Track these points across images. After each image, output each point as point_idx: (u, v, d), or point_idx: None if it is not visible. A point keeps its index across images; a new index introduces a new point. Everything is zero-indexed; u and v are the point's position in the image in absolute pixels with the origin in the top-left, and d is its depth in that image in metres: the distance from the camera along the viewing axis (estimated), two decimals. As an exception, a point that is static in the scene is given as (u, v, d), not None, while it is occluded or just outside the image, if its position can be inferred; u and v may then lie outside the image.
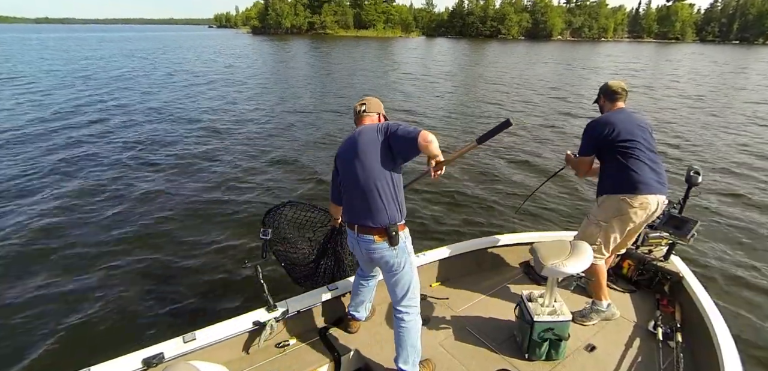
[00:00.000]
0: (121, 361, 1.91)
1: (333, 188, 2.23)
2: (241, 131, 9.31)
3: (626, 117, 2.43)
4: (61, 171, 6.42)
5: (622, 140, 2.37)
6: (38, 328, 3.16)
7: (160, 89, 14.90)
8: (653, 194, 2.36)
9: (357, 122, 2.14)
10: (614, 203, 2.42)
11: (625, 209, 2.39)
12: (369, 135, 1.97)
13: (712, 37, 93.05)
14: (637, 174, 2.35)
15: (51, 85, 14.74)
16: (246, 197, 5.69)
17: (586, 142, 2.51)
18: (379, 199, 1.94)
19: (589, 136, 2.48)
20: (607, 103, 2.55)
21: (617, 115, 2.44)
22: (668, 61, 34.48)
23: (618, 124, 2.39)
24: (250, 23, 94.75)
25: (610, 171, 2.46)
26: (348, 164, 2.00)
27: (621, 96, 2.50)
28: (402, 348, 2.07)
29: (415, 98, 14.44)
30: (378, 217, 1.94)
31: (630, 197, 2.36)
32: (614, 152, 2.40)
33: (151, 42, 47.69)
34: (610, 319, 2.60)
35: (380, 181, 1.94)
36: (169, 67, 22.17)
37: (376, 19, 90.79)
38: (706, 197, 6.03)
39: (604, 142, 2.42)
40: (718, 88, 18.43)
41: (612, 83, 2.53)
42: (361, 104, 2.14)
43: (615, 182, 2.42)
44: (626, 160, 2.37)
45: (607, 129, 2.40)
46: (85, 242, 4.39)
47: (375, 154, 1.93)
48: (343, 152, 2.06)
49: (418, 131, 1.84)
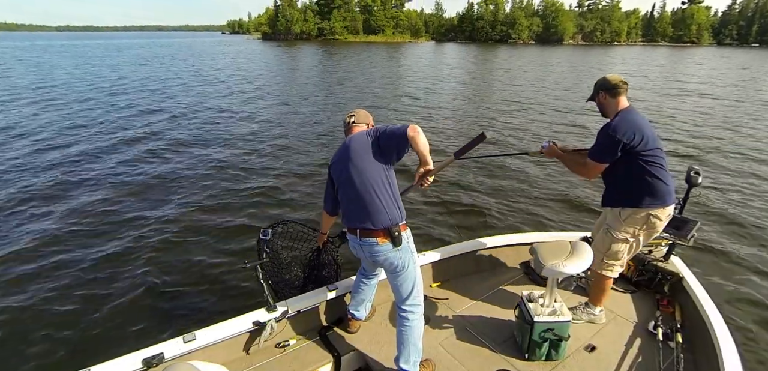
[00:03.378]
0: (121, 361, 1.93)
1: (326, 198, 2.26)
2: (240, 135, 9.34)
3: (645, 121, 2.24)
4: (62, 174, 6.52)
5: (651, 147, 2.17)
6: (38, 328, 3.20)
7: (158, 93, 15.11)
8: (674, 202, 2.33)
9: (347, 133, 2.19)
10: (643, 216, 2.28)
11: (653, 222, 2.28)
12: (360, 140, 2.03)
13: (730, 41, 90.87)
14: (665, 185, 2.23)
15: (55, 94, 15.12)
16: (246, 198, 5.75)
17: (607, 146, 2.21)
18: (378, 200, 1.97)
19: (613, 141, 2.17)
20: (609, 99, 2.29)
21: (638, 118, 2.21)
22: (683, 64, 33.88)
23: (645, 129, 2.17)
24: (260, 29, 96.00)
25: (635, 181, 2.25)
26: (343, 170, 2.04)
27: (623, 90, 2.27)
28: (404, 347, 2.08)
29: (425, 103, 14.45)
30: (378, 219, 1.97)
31: (660, 210, 2.25)
32: (639, 159, 2.19)
33: (162, 49, 48.58)
34: (594, 322, 2.58)
35: (376, 183, 1.98)
36: (166, 75, 22.40)
37: (385, 25, 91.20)
38: (706, 197, 5.95)
39: (630, 149, 2.17)
40: (727, 89, 18.06)
41: (611, 77, 2.30)
42: (350, 116, 2.21)
43: (644, 194, 2.24)
44: (653, 169, 2.20)
45: (636, 135, 2.15)
46: (84, 242, 4.46)
47: (368, 157, 1.98)
48: (337, 160, 2.10)
49: (406, 125, 1.91)
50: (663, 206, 2.26)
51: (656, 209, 2.25)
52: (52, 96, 14.10)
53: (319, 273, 2.72)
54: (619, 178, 2.31)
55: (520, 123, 11.17)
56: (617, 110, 2.28)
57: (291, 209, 5.47)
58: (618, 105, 2.28)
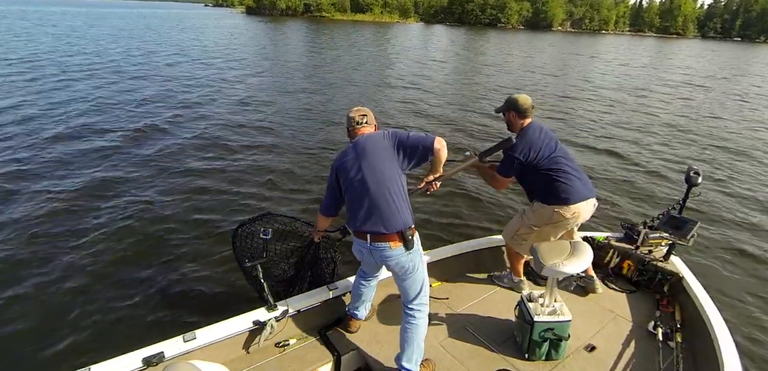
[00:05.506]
0: (121, 361, 1.91)
1: (328, 200, 2.18)
2: (235, 130, 8.78)
3: (544, 135, 2.54)
4: (57, 168, 6.19)
5: (545, 158, 2.49)
6: (38, 328, 3.13)
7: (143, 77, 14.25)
8: (584, 200, 2.52)
9: (354, 131, 2.11)
10: (548, 212, 2.56)
11: (558, 219, 2.54)
12: (377, 142, 1.97)
13: (714, 34, 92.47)
14: (567, 185, 2.49)
15: (37, 64, 14.38)
16: (246, 197, 5.60)
17: (508, 166, 2.58)
18: (393, 203, 1.94)
19: (512, 160, 2.53)
20: (517, 119, 2.56)
21: (534, 135, 2.51)
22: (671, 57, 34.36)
23: (540, 145, 2.49)
24: (245, 3, 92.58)
25: (539, 185, 2.57)
26: (356, 172, 1.97)
27: (530, 113, 2.55)
28: (408, 345, 2.07)
29: (416, 86, 14.30)
30: (392, 222, 1.93)
31: (563, 209, 2.50)
32: (539, 170, 2.51)
33: (141, 20, 46.54)
34: (514, 290, 2.90)
35: (393, 186, 1.94)
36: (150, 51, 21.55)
37: (373, 3, 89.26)
38: (706, 196, 6.02)
39: (528, 164, 2.51)
40: (721, 85, 18.44)
41: (521, 100, 2.53)
42: (362, 115, 2.13)
43: (547, 194, 2.54)
44: (553, 174, 2.49)
45: (531, 152, 2.48)
46: (84, 241, 4.31)
47: (386, 159, 1.94)
48: (348, 161, 2.02)
49: (432, 137, 1.91)
50: (566, 205, 2.49)
51: (561, 207, 2.51)
52: (27, 70, 13.39)
53: (316, 271, 2.69)
54: (529, 181, 2.65)
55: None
56: (522, 127, 2.55)
57: (291, 203, 5.37)
58: (524, 123, 2.56)
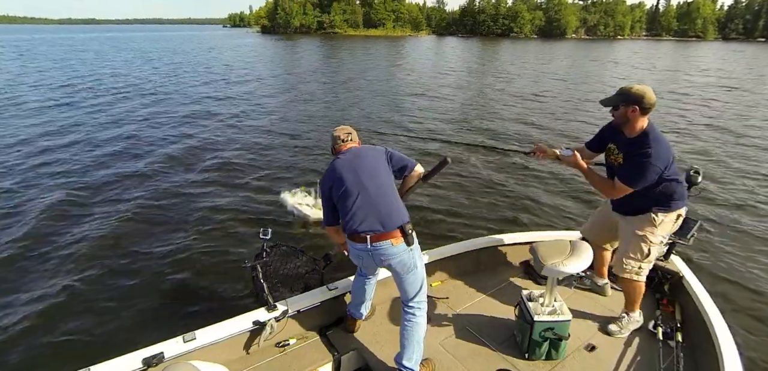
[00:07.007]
0: (121, 361, 1.93)
1: (327, 212, 2.22)
2: (241, 136, 9.08)
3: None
4: (61, 171, 6.51)
5: (672, 162, 2.23)
6: (38, 328, 3.20)
7: (154, 91, 14.93)
8: None
9: (340, 148, 2.20)
10: (673, 218, 2.38)
11: (679, 221, 2.42)
12: (369, 149, 2.19)
13: (736, 35, 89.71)
14: (682, 183, 2.37)
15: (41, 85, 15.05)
16: (246, 198, 5.74)
17: (649, 176, 2.17)
18: (393, 201, 2.07)
19: (655, 170, 2.15)
20: (638, 116, 2.18)
21: (664, 138, 2.22)
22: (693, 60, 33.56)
23: (670, 148, 2.23)
24: (260, 22, 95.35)
25: (664, 188, 2.27)
26: (353, 176, 2.07)
27: (653, 109, 2.20)
28: (408, 344, 2.08)
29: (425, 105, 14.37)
30: (392, 219, 2.02)
31: (684, 209, 2.40)
32: (667, 177, 2.24)
33: (160, 42, 48.36)
34: (601, 295, 2.75)
35: (389, 185, 2.11)
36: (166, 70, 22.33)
37: (385, 18, 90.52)
38: (706, 196, 5.92)
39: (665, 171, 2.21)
40: (721, 87, 17.91)
41: (649, 95, 2.15)
42: (347, 133, 2.25)
43: (672, 199, 2.31)
44: (676, 175, 2.29)
45: (671, 158, 2.20)
46: (85, 242, 4.44)
47: (381, 163, 2.14)
48: (343, 168, 2.10)
49: (414, 161, 2.25)
50: (685, 204, 2.40)
51: (682, 208, 2.39)
52: (58, 94, 14.05)
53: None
54: (649, 188, 2.25)
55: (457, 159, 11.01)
56: (642, 128, 2.20)
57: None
58: (644, 123, 2.21)
